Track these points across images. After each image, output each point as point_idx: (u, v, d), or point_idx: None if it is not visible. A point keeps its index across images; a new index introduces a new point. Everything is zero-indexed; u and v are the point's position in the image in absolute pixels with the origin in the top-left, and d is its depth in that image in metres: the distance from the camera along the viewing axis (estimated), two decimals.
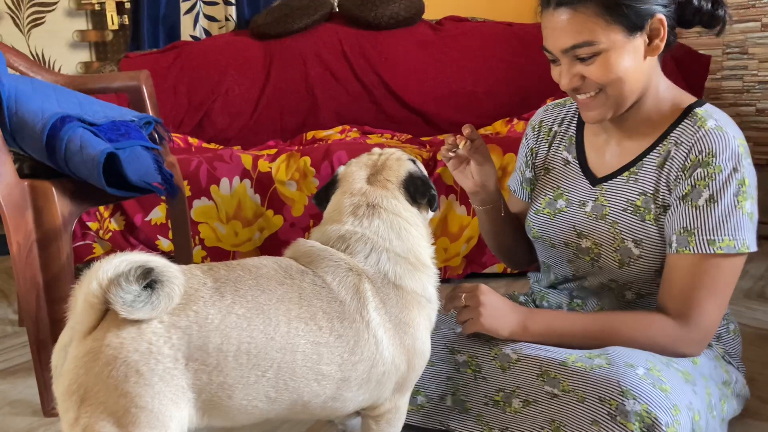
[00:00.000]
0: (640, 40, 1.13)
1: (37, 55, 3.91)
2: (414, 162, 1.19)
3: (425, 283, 1.10)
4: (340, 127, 3.02)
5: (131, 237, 2.37)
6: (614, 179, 1.25)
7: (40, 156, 1.53)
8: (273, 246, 2.41)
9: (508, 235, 1.45)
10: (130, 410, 0.83)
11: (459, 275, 2.46)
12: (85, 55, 4.05)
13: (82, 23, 4.01)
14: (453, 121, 3.12)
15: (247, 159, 2.39)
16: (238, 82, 3.17)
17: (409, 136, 2.94)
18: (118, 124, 1.66)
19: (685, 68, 2.43)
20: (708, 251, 1.11)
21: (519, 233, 1.46)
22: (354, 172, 1.16)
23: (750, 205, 1.12)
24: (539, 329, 1.19)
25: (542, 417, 1.12)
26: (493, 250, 1.52)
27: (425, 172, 1.20)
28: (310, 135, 3.00)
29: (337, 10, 3.43)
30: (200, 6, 3.54)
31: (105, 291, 0.82)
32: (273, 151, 2.51)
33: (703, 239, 1.11)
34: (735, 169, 1.11)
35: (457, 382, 1.27)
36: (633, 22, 1.11)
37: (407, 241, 1.09)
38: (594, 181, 1.29)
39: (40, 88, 1.64)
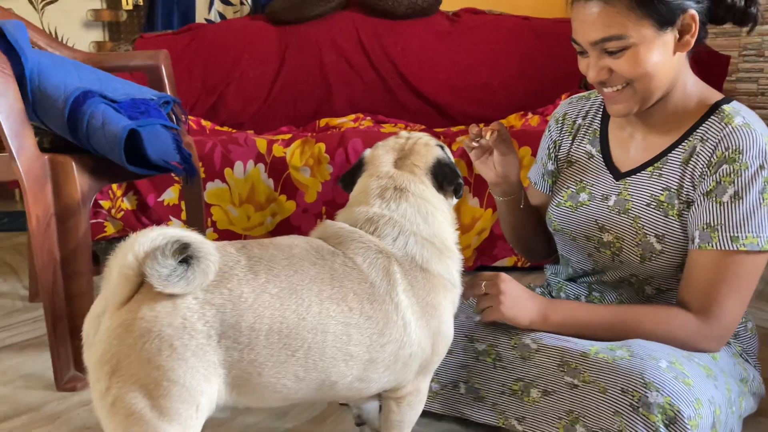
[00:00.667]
0: (670, 36, 1.12)
1: (50, 32, 3.90)
2: (442, 148, 1.18)
3: (450, 267, 1.10)
4: (353, 116, 3.02)
5: (143, 217, 2.37)
6: (638, 174, 1.25)
7: (61, 130, 1.52)
8: (285, 231, 2.41)
9: (527, 227, 1.45)
10: (162, 383, 0.84)
11: (469, 267, 2.46)
12: (98, 35, 4.04)
13: (96, 2, 4.00)
14: (467, 113, 3.11)
15: (261, 143, 2.39)
16: (253, 66, 3.16)
17: (423, 126, 2.94)
18: (137, 102, 1.66)
19: (705, 68, 2.40)
20: (731, 248, 1.10)
21: (538, 225, 1.45)
22: (381, 155, 1.15)
23: None
24: (559, 319, 1.19)
25: (560, 407, 1.12)
26: (510, 242, 1.51)
27: (452, 159, 1.20)
28: (323, 122, 3.00)
29: None
30: None
31: (141, 264, 0.82)
32: (288, 136, 2.51)
33: (726, 236, 1.11)
34: (762, 167, 1.10)
35: (473, 370, 1.27)
36: (664, 17, 1.10)
37: (433, 225, 1.09)
38: (618, 175, 1.28)
39: (61, 64, 1.63)
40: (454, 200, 1.18)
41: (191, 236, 0.84)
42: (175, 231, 0.84)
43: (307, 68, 3.19)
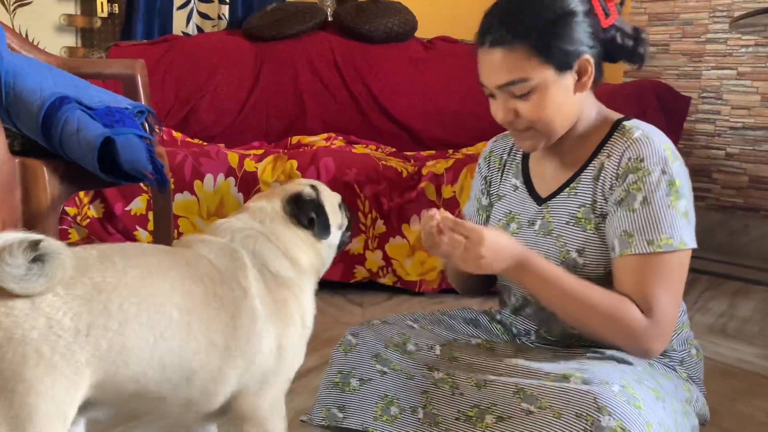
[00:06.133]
0: (569, 78, 1.21)
1: (20, 35, 3.86)
2: (315, 190, 1.25)
3: (298, 278, 1.14)
4: (325, 135, 3.05)
5: (109, 225, 2.35)
6: (557, 197, 1.32)
7: (34, 134, 1.52)
8: None
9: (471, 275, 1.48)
10: (28, 400, 0.77)
11: (434, 289, 2.49)
12: (70, 40, 4.00)
13: (71, 8, 3.97)
14: (438, 138, 3.17)
15: (233, 157, 2.40)
16: (227, 80, 3.18)
17: (393, 149, 2.98)
18: (112, 110, 1.66)
19: (667, 107, 2.52)
20: (648, 250, 1.17)
21: None
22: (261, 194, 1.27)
23: (684, 205, 1.19)
24: (535, 269, 1.20)
25: None
26: (452, 282, 1.55)
27: (322, 201, 1.25)
28: (295, 139, 3.02)
29: (331, 19, 3.47)
30: (194, 2, 3.54)
31: None
32: (260, 151, 2.52)
33: (642, 239, 1.17)
34: (663, 171, 1.18)
35: (431, 396, 1.29)
36: (562, 62, 1.19)
37: (274, 229, 1.14)
38: (539, 201, 1.36)
39: (37, 67, 1.63)
40: (324, 243, 1.24)
41: (36, 235, 0.80)
42: (14, 233, 0.80)
43: (281, 85, 3.22)
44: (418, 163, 2.54)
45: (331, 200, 1.29)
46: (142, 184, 2.27)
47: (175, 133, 2.96)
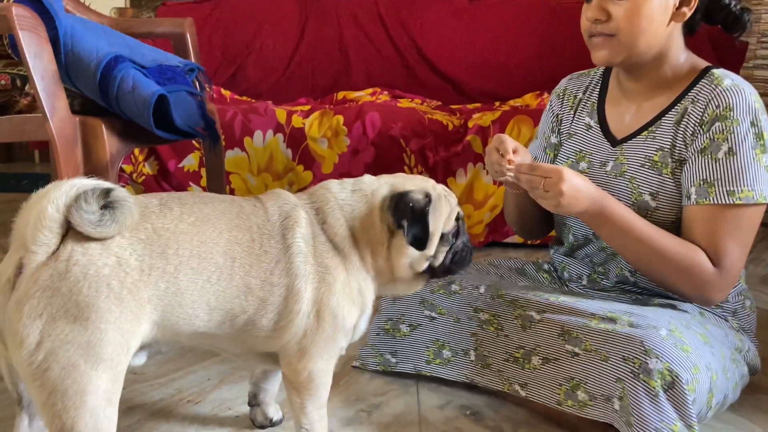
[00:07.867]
0: (671, 0, 1.20)
1: None
2: (429, 200, 1.08)
3: (354, 259, 1.08)
4: (371, 90, 3.05)
5: (164, 182, 2.43)
6: (633, 139, 1.31)
7: (92, 93, 1.57)
8: None
9: (531, 214, 1.48)
10: (100, 326, 0.86)
11: (480, 243, 2.51)
12: (119, 1, 4.07)
13: None
14: (484, 91, 3.13)
15: (281, 113, 2.43)
16: (273, 38, 3.20)
17: (439, 102, 2.97)
18: (164, 68, 1.70)
19: (722, 53, 2.43)
20: (728, 201, 1.16)
21: (540, 210, 1.50)
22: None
23: (767, 158, 1.17)
24: (613, 214, 1.19)
25: (561, 375, 1.17)
26: (511, 223, 1.55)
27: (429, 211, 1.07)
28: (341, 95, 3.03)
29: None
30: None
31: (64, 214, 0.85)
32: (307, 107, 2.55)
33: (723, 190, 1.17)
34: (753, 123, 1.17)
35: (481, 338, 1.33)
36: None
37: (362, 217, 1.08)
38: (614, 142, 1.35)
39: (92, 28, 1.67)
40: (409, 250, 1.08)
41: (107, 183, 0.88)
42: (87, 180, 0.88)
43: (326, 41, 3.23)
44: (464, 116, 2.53)
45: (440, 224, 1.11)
46: (194, 141, 2.33)
47: (224, 91, 3.01)
